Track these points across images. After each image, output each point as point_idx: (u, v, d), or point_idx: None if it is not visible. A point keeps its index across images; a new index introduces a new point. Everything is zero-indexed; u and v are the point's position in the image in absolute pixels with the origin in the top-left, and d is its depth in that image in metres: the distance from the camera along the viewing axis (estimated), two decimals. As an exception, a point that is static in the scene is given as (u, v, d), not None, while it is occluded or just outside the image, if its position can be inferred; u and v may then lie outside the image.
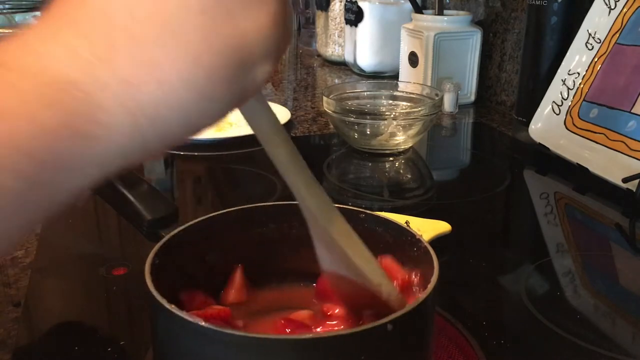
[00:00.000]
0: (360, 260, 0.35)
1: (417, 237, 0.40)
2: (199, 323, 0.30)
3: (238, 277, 0.43)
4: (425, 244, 0.39)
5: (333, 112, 0.88)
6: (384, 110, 0.95)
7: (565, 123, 0.86)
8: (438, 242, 0.59)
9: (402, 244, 0.41)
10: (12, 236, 0.20)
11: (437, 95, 0.91)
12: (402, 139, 0.88)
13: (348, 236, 0.36)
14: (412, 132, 0.87)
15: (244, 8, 0.23)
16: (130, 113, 0.21)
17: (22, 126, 0.19)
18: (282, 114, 1.03)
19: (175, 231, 0.40)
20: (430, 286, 0.34)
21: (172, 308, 0.31)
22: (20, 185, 0.19)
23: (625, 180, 0.71)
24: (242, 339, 0.30)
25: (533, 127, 0.90)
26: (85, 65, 0.21)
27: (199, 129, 0.24)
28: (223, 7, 0.22)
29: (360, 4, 1.35)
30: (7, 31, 1.52)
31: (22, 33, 0.22)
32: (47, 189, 0.20)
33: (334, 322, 0.39)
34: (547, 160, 0.87)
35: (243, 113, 0.29)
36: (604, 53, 0.83)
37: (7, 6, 1.63)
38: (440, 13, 1.15)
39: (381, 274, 0.37)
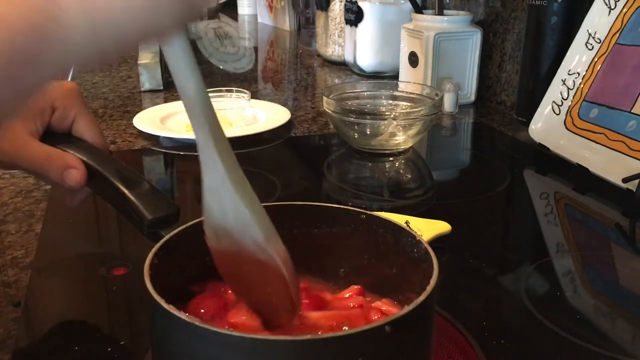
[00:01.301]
0: (251, 209, 0.35)
1: (417, 238, 0.40)
2: (196, 323, 0.30)
3: None
4: (425, 244, 0.39)
5: (333, 112, 0.88)
6: (384, 110, 0.95)
7: (565, 123, 0.86)
8: (438, 242, 0.59)
9: (402, 245, 0.41)
10: None
11: (437, 95, 0.91)
12: (402, 139, 0.88)
13: (243, 183, 0.35)
14: (412, 132, 0.87)
15: None
16: (87, 14, 0.22)
17: None
18: (282, 114, 1.03)
19: (175, 231, 0.40)
20: (429, 288, 0.34)
21: (170, 308, 0.31)
22: None
23: (625, 180, 0.71)
24: (239, 339, 0.30)
25: (533, 127, 0.90)
26: None
27: (147, 36, 0.25)
28: None
29: (360, 4, 1.35)
30: None
31: None
32: (10, 83, 0.21)
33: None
34: (547, 160, 0.87)
35: (166, 49, 0.29)
36: (604, 53, 0.83)
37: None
38: (440, 13, 1.15)
39: (270, 228, 0.36)
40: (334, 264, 0.45)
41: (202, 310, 0.39)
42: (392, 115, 0.87)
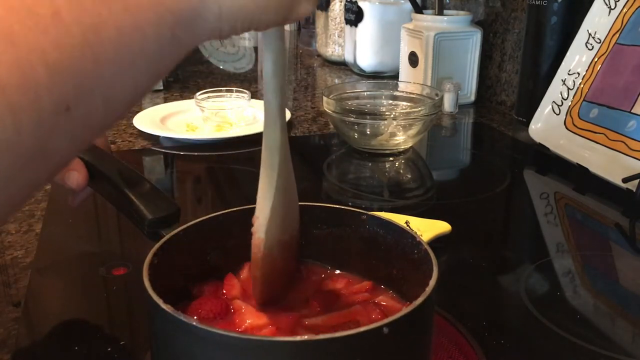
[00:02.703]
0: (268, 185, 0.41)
1: (417, 239, 0.40)
2: (194, 324, 0.30)
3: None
4: (425, 245, 0.39)
5: (333, 112, 0.88)
6: (384, 110, 0.95)
7: (565, 123, 0.86)
8: (438, 242, 0.59)
9: (402, 246, 0.41)
10: (155, 78, 0.28)
11: (437, 95, 0.91)
12: (402, 139, 0.88)
13: (286, 159, 0.42)
14: (412, 132, 0.87)
15: None
16: (217, 4, 0.29)
17: None
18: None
19: (175, 231, 0.40)
20: (428, 289, 0.34)
21: (168, 308, 0.31)
22: (166, 33, 0.27)
23: (625, 180, 0.71)
24: (237, 340, 0.30)
25: (533, 127, 0.90)
26: None
27: (250, 28, 0.32)
28: None
29: (360, 4, 1.35)
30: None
31: None
32: (176, 43, 0.28)
33: None
34: (547, 160, 0.87)
35: (265, 37, 0.36)
36: (604, 53, 0.83)
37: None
38: (440, 13, 1.15)
39: (277, 213, 0.40)
40: (334, 264, 0.45)
41: (204, 312, 0.39)
42: (392, 115, 0.87)
